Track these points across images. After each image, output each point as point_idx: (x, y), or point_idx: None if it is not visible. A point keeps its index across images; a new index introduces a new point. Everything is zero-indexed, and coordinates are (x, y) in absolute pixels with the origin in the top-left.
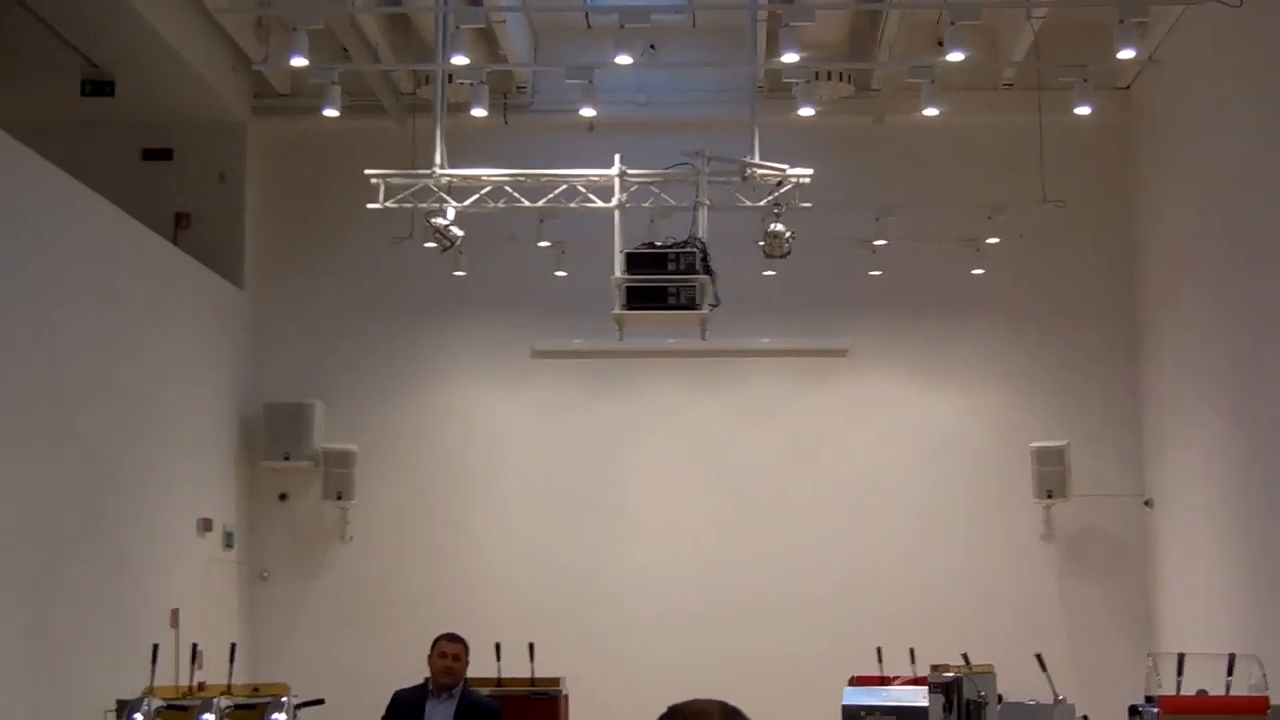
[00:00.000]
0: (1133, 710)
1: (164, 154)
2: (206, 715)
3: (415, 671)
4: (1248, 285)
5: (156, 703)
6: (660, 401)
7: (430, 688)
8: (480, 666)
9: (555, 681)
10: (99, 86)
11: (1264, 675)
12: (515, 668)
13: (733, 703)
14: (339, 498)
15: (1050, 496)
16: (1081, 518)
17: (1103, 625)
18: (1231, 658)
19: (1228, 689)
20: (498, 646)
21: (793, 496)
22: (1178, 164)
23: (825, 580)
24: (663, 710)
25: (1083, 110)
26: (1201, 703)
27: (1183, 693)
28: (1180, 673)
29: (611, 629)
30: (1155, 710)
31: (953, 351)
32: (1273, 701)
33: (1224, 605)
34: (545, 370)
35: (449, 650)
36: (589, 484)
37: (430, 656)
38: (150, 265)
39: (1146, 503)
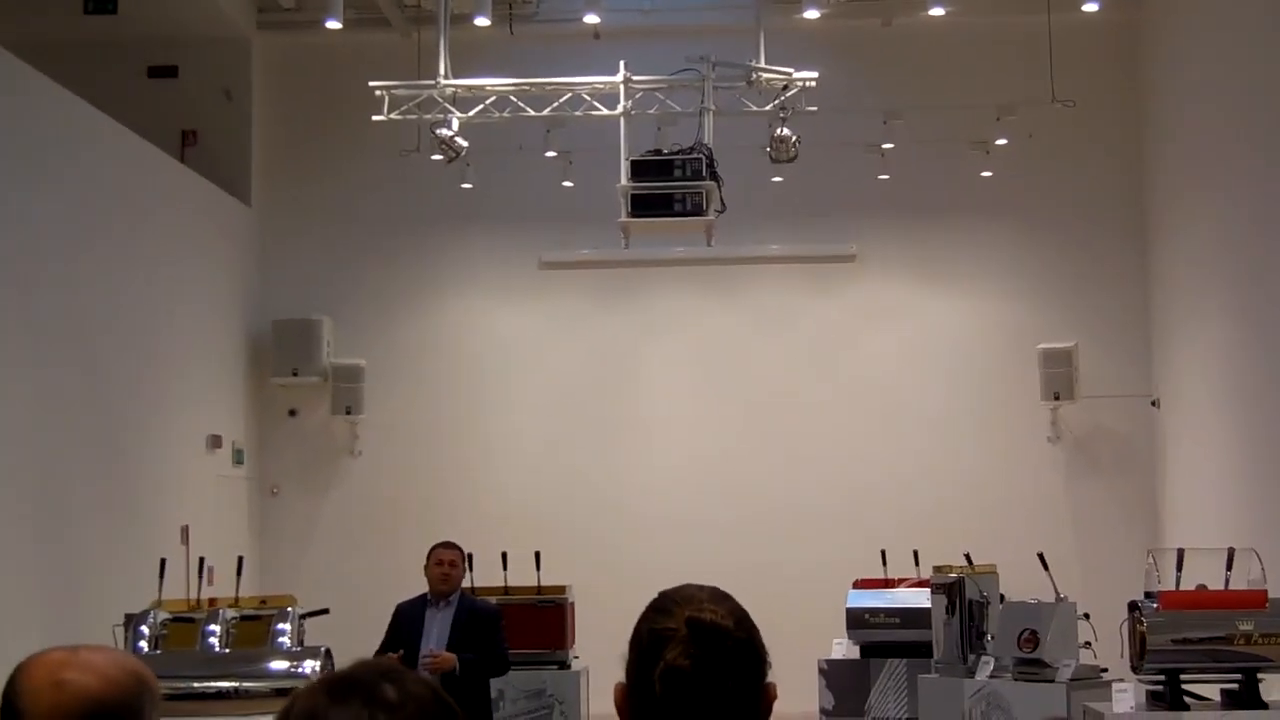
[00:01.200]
0: (1132, 605)
1: (169, 71)
2: (212, 626)
3: (424, 584)
4: (1257, 186)
5: (163, 615)
6: (669, 310)
7: (429, 597)
8: (488, 575)
9: (561, 590)
10: (102, 4)
11: (1262, 569)
12: (523, 577)
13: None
14: (348, 413)
15: (1057, 398)
16: (1088, 418)
17: (1109, 525)
18: (1230, 552)
19: (1226, 583)
20: (504, 555)
21: (801, 402)
22: (1187, 62)
23: (833, 485)
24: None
25: (1090, 7)
26: (1200, 597)
27: (1182, 588)
28: (1180, 568)
29: (620, 538)
30: (1154, 605)
31: (961, 255)
32: (1271, 595)
33: (1229, 503)
34: (553, 281)
35: (445, 558)
36: (598, 395)
37: (427, 566)
38: (157, 184)
39: (1153, 403)
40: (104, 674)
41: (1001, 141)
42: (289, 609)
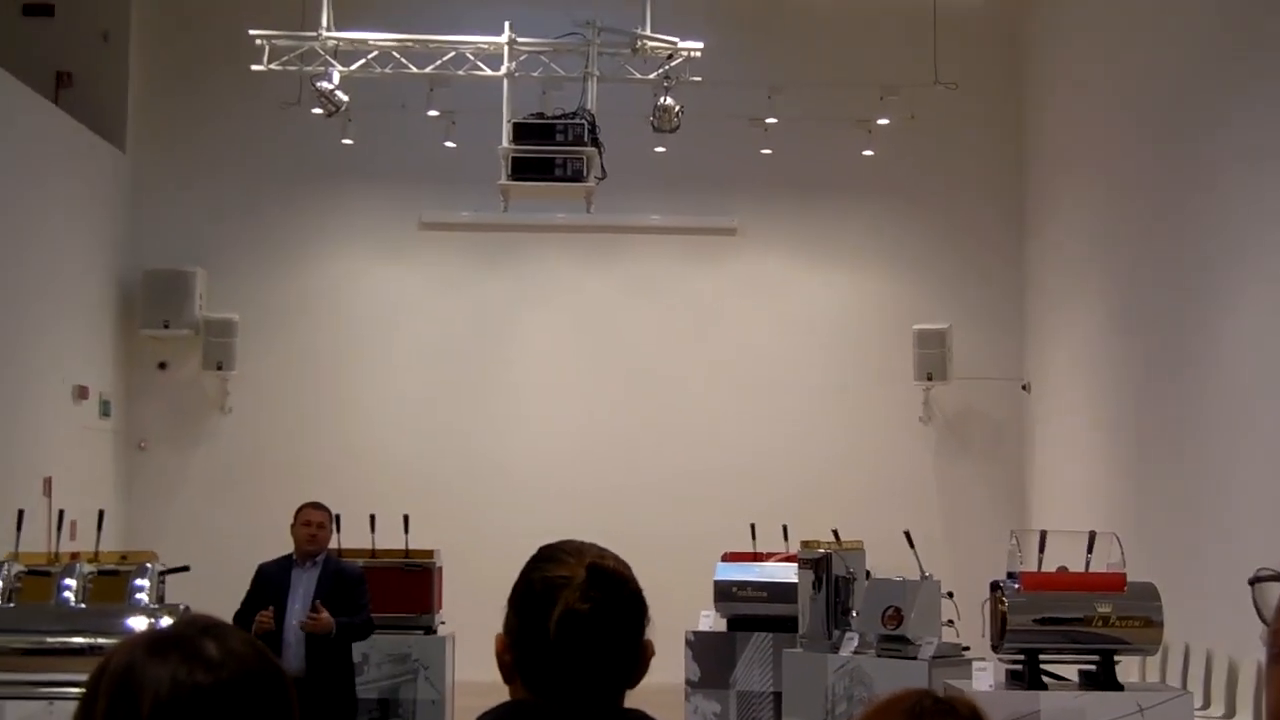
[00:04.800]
0: (994, 585)
1: (45, 9)
2: (68, 581)
3: (290, 544)
4: (1134, 174)
5: (17, 568)
6: (549, 276)
7: (295, 557)
8: (355, 538)
9: (429, 554)
10: None
11: (1122, 553)
12: (391, 540)
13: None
14: (219, 368)
15: (930, 378)
16: (960, 400)
17: (976, 505)
18: (1091, 535)
19: (1087, 566)
20: (372, 518)
21: (678, 374)
22: (1068, 47)
23: (704, 457)
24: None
25: None
26: (1061, 579)
27: (1044, 569)
28: (1042, 550)
29: (491, 504)
30: (1016, 585)
31: (841, 232)
32: (1130, 578)
33: (1094, 488)
34: (432, 242)
35: (313, 518)
36: (474, 358)
37: (294, 525)
38: (29, 125)
39: (1024, 386)
40: None
41: (884, 121)
42: (148, 565)
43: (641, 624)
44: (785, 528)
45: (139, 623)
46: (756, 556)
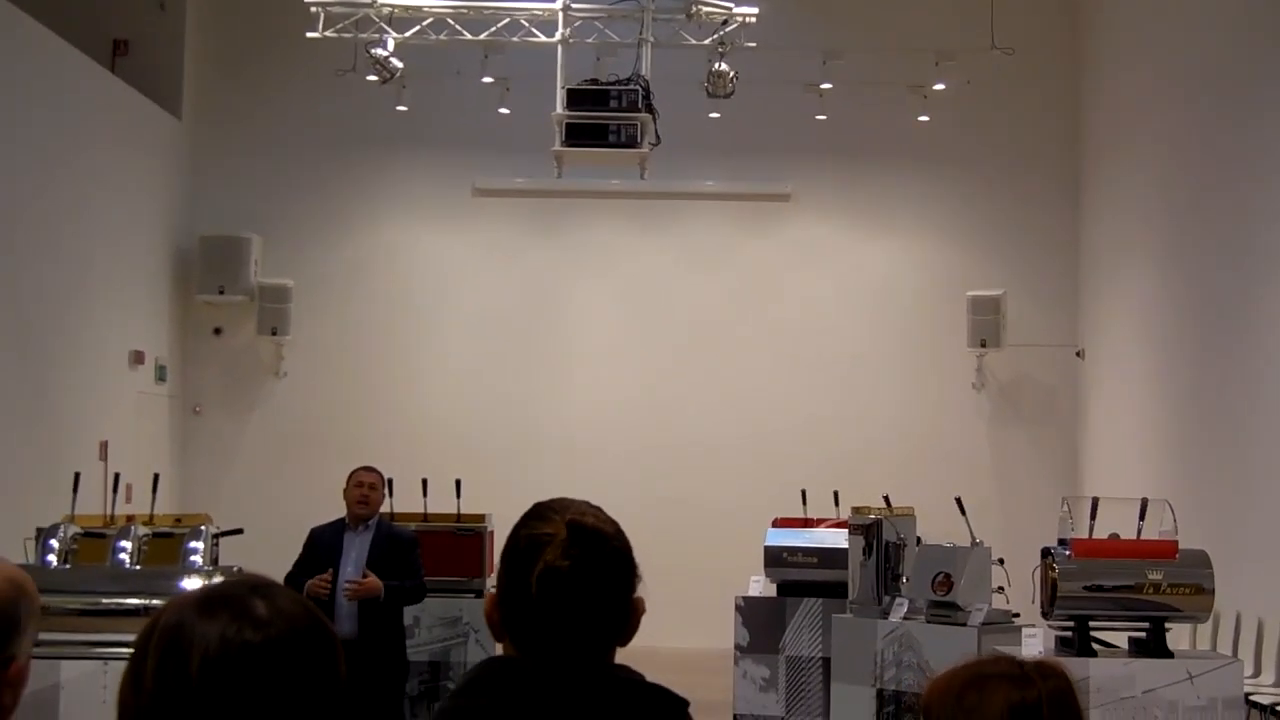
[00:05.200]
0: (1045, 552)
1: None
2: (123, 543)
3: (343, 508)
4: (1191, 141)
5: (74, 529)
6: (601, 243)
7: (347, 521)
8: (408, 502)
9: (480, 518)
10: None
11: (1174, 521)
12: (443, 504)
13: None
14: (274, 333)
15: (984, 345)
16: (1014, 366)
17: (1028, 472)
18: (1144, 503)
19: (1139, 533)
20: (424, 482)
21: (729, 340)
22: (1125, 13)
23: (756, 423)
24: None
25: None
26: (1112, 545)
27: (1095, 536)
28: (1094, 517)
29: (544, 469)
30: (1067, 552)
31: (895, 198)
32: (1182, 546)
33: (1147, 455)
34: (487, 208)
35: (365, 479)
36: (527, 325)
37: (346, 489)
38: (87, 93)
39: (1078, 353)
40: None
41: (939, 86)
42: (202, 528)
43: (629, 582)
44: (836, 493)
45: (193, 584)
46: (807, 522)
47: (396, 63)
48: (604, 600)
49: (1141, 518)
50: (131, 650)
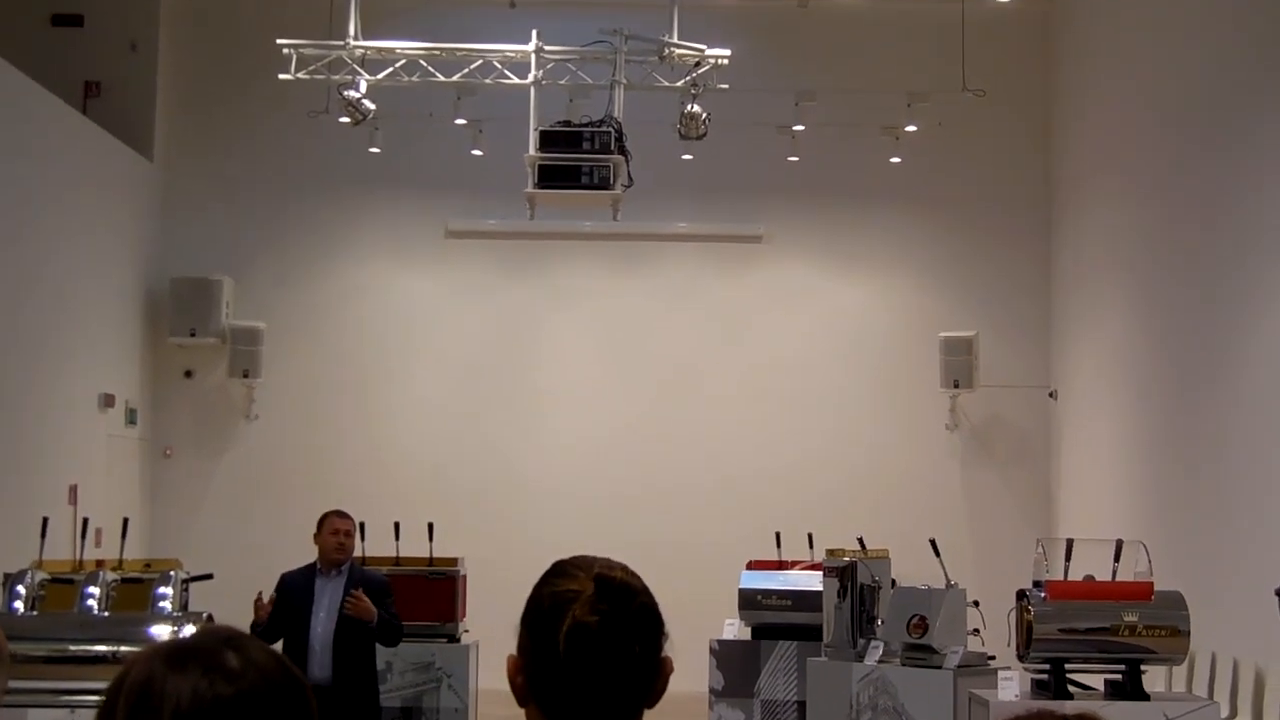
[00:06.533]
0: (1020, 594)
1: (74, 20)
2: (91, 589)
3: (313, 552)
4: (1162, 182)
5: (41, 575)
6: (575, 284)
7: (319, 566)
8: (379, 546)
9: (453, 562)
10: None
11: (1149, 562)
12: (415, 548)
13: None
14: (245, 376)
15: (957, 386)
16: (986, 408)
17: (1003, 513)
18: (1119, 544)
19: (1114, 574)
20: (396, 526)
21: (704, 382)
22: (1097, 55)
23: (732, 465)
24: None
25: None
26: (1087, 587)
27: (1070, 578)
28: (1069, 558)
29: (517, 511)
30: (1042, 594)
31: (868, 239)
32: (1157, 587)
33: (1121, 496)
34: (459, 250)
35: (341, 526)
36: (500, 367)
37: (320, 534)
38: (58, 135)
39: (1051, 394)
40: None
41: (912, 128)
42: (172, 573)
43: (657, 638)
44: (810, 536)
45: (162, 631)
46: (781, 565)
47: (369, 105)
48: (634, 657)
49: (1116, 559)
50: (101, 702)
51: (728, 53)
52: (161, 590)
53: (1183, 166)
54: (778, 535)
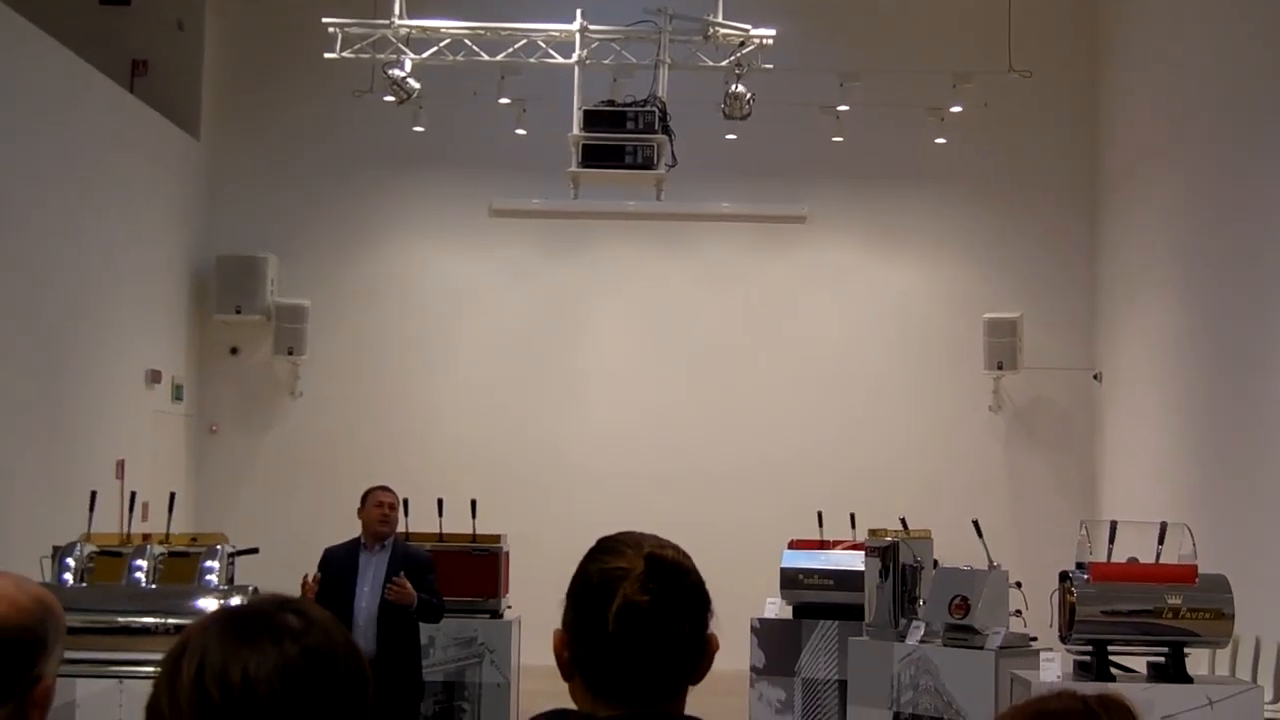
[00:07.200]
0: (1063, 576)
1: (121, 0)
2: (139, 561)
3: (357, 528)
4: (1208, 163)
5: (90, 548)
6: (617, 263)
7: (363, 541)
8: (423, 522)
9: (496, 539)
10: None
11: (1193, 544)
12: (458, 524)
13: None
14: (290, 353)
15: (1000, 368)
16: (1030, 389)
17: (1045, 495)
18: (1163, 527)
19: (1158, 557)
20: (440, 502)
21: (744, 361)
22: (1143, 36)
23: (772, 445)
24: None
25: None
26: (1130, 569)
27: (1113, 560)
28: (1112, 541)
29: (558, 489)
30: (1085, 576)
31: (911, 220)
32: (1201, 570)
33: (1165, 478)
34: (503, 229)
35: (385, 500)
36: (543, 345)
37: (364, 509)
38: (105, 113)
39: (1095, 376)
40: (10, 599)
41: (957, 109)
42: (218, 547)
43: (704, 617)
44: (853, 516)
45: (209, 604)
46: (823, 544)
47: (414, 84)
48: (682, 635)
49: (1160, 542)
50: (158, 671)
51: (772, 32)
52: (208, 564)
53: (1229, 153)
54: (820, 515)
